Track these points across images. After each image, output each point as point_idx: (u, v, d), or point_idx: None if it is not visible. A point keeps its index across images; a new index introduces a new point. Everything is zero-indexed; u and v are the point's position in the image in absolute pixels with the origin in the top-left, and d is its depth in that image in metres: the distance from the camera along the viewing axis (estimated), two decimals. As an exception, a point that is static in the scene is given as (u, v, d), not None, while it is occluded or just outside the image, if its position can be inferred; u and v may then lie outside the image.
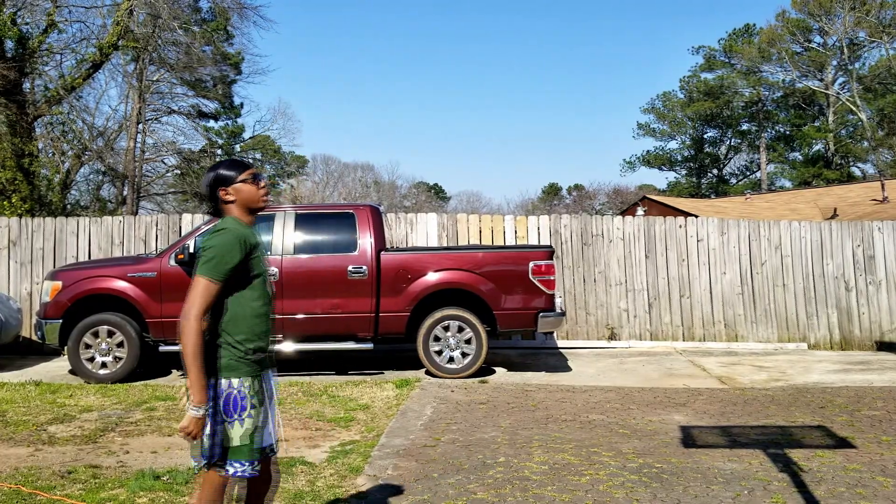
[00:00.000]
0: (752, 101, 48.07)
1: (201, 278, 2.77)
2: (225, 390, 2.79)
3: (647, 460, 5.26)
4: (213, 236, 2.83)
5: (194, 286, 2.77)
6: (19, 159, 17.85)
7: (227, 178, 2.94)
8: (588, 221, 12.15)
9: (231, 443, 2.78)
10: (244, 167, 2.99)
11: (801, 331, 11.80)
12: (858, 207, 23.00)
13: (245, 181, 2.95)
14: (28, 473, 4.99)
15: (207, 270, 2.77)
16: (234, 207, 2.95)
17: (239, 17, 25.30)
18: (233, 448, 2.79)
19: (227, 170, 2.96)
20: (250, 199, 2.96)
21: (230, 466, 2.80)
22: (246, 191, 2.94)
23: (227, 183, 2.94)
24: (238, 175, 2.95)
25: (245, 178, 2.95)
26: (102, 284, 8.74)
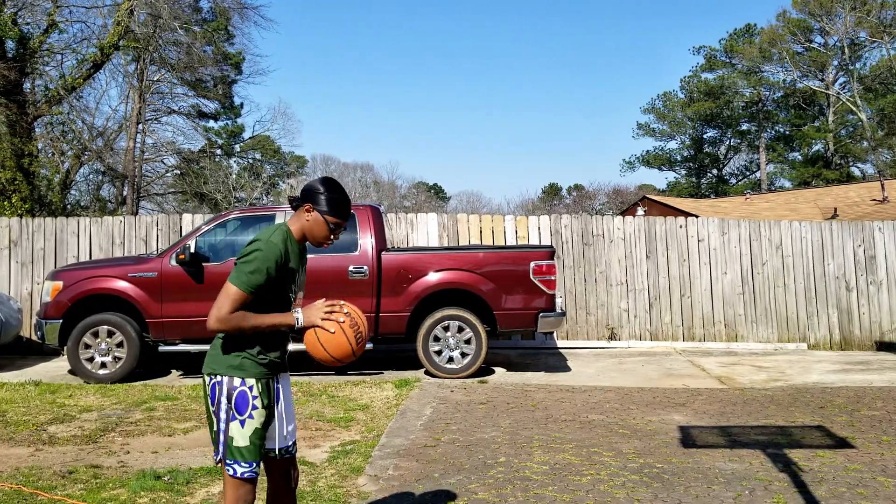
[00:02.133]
0: (753, 102, 48.07)
1: (232, 286, 2.78)
2: (237, 388, 2.80)
3: (648, 460, 5.27)
4: (254, 249, 2.82)
5: (223, 290, 2.78)
6: (19, 159, 17.86)
7: (321, 205, 2.93)
8: (588, 221, 12.15)
9: (233, 442, 2.78)
10: (339, 214, 2.96)
11: (801, 331, 11.80)
12: (858, 207, 23.00)
13: (327, 222, 2.94)
14: (29, 473, 4.99)
15: (240, 281, 2.78)
16: (301, 223, 2.96)
17: (239, 17, 25.34)
18: (236, 448, 2.79)
19: (328, 203, 2.94)
20: (316, 235, 2.97)
21: (230, 467, 2.79)
22: (319, 228, 2.96)
23: (317, 207, 2.93)
24: (329, 213, 2.93)
25: (331, 220, 2.95)
26: (103, 284, 8.74)
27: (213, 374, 2.83)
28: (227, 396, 2.79)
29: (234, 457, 2.78)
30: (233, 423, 2.78)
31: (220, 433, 2.79)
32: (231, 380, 2.80)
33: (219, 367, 2.83)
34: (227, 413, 2.78)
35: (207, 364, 2.88)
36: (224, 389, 2.79)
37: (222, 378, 2.81)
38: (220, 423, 2.79)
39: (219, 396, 2.80)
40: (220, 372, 2.82)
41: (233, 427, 2.78)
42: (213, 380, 2.84)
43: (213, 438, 2.87)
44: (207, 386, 2.85)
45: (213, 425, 2.84)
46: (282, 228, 2.93)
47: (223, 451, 2.79)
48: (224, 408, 2.79)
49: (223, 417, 2.78)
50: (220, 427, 2.79)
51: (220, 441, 2.79)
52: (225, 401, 2.79)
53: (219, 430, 2.79)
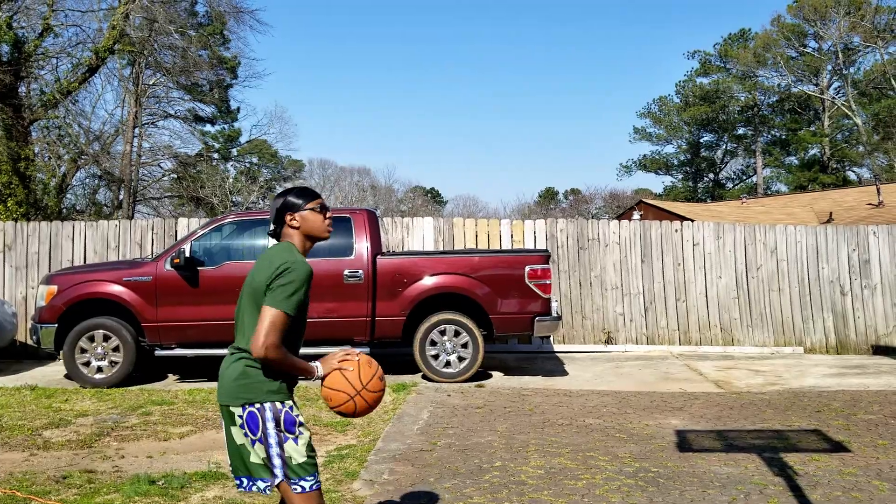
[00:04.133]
0: (748, 106, 48.21)
1: (277, 311, 2.76)
2: (282, 410, 2.81)
3: (644, 464, 5.27)
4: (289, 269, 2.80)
5: (267, 317, 2.74)
6: (15, 163, 17.83)
7: (296, 204, 2.99)
8: (584, 226, 12.17)
9: (293, 461, 2.79)
10: (312, 197, 3.03)
11: (796, 335, 11.82)
12: (854, 211, 23.07)
13: (313, 210, 2.99)
14: (23, 478, 4.97)
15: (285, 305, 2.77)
16: (296, 234, 2.99)
17: (235, 21, 25.36)
18: (298, 465, 2.79)
19: (297, 197, 3.00)
20: (315, 229, 3.01)
21: (297, 485, 2.78)
22: (312, 220, 2.99)
23: (295, 209, 2.98)
24: (306, 203, 2.99)
25: (313, 206, 2.99)
26: (98, 289, 8.72)
27: (250, 403, 2.79)
28: (274, 421, 2.78)
29: (299, 474, 2.78)
30: (286, 443, 2.79)
31: (276, 457, 2.77)
32: (273, 405, 2.80)
33: (256, 395, 2.79)
34: (277, 436, 2.78)
35: (237, 395, 2.81)
36: (269, 415, 2.78)
37: (263, 405, 2.79)
38: (270, 448, 2.77)
39: (262, 424, 2.78)
40: (258, 399, 2.79)
41: (288, 447, 2.78)
42: (248, 409, 2.79)
43: (249, 467, 2.82)
44: (241, 416, 2.80)
45: (253, 454, 2.80)
46: (293, 246, 2.95)
47: (284, 472, 2.77)
48: (273, 432, 2.78)
49: (274, 442, 2.77)
50: (274, 452, 2.77)
51: (278, 465, 2.77)
52: (273, 425, 2.78)
53: (271, 455, 2.77)
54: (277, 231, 3.02)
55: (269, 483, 2.80)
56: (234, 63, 34.54)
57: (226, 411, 2.83)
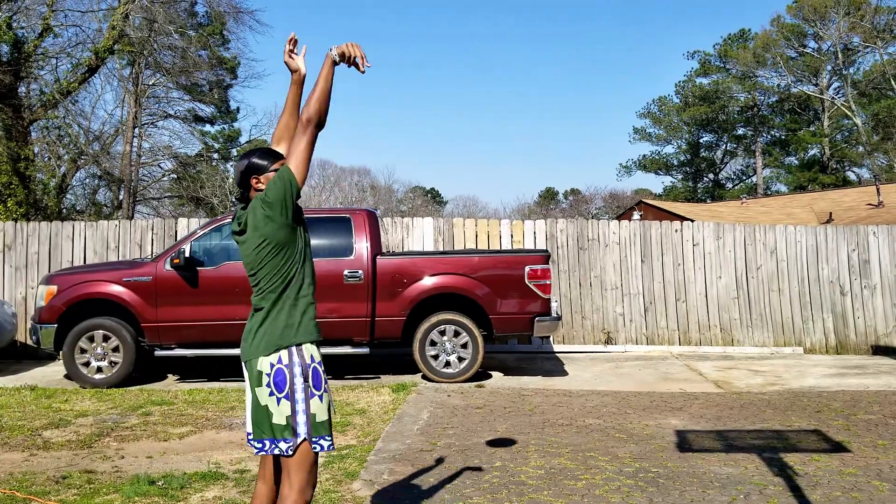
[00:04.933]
0: (748, 106, 48.22)
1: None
2: (310, 364, 2.80)
3: (644, 464, 5.27)
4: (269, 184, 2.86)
5: (298, 144, 2.87)
6: (15, 163, 17.83)
7: (261, 166, 2.97)
8: (584, 226, 12.17)
9: (317, 418, 2.78)
10: (277, 157, 3.00)
11: (796, 335, 11.82)
12: (853, 212, 23.07)
13: (277, 171, 2.95)
14: (23, 479, 4.97)
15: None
16: None
17: (235, 21, 25.36)
18: (320, 423, 2.78)
19: (261, 158, 2.98)
20: None
21: (317, 444, 2.78)
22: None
23: (260, 171, 2.96)
24: (271, 164, 2.97)
25: (277, 167, 2.96)
26: (98, 289, 8.73)
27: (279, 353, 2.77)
28: (302, 376, 2.77)
29: (321, 432, 2.78)
30: (312, 399, 2.78)
31: (301, 413, 2.74)
32: (302, 356, 2.79)
33: (284, 341, 2.79)
34: (304, 392, 2.76)
35: (266, 346, 2.79)
36: (297, 370, 2.77)
37: (292, 353, 2.78)
38: (297, 404, 2.74)
39: (290, 380, 2.76)
40: (286, 344, 2.78)
41: (313, 404, 2.78)
42: (276, 366, 2.77)
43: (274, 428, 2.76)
44: (268, 374, 2.76)
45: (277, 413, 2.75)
46: None
47: (308, 430, 2.75)
48: (301, 388, 2.76)
49: (301, 398, 2.75)
50: (300, 408, 2.75)
51: (302, 422, 2.75)
52: (301, 381, 2.77)
53: (297, 412, 2.74)
54: (246, 195, 3.00)
55: (290, 443, 2.76)
56: (233, 63, 34.52)
57: (253, 371, 2.80)
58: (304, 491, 2.76)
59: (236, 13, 24.25)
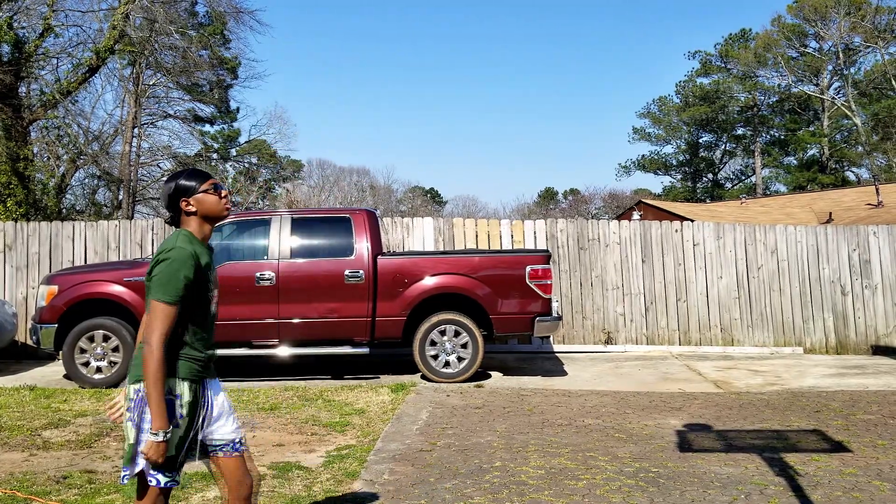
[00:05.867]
0: (748, 106, 48.23)
1: (157, 303, 2.71)
2: (168, 398, 2.77)
3: (644, 464, 5.26)
4: (162, 259, 2.77)
5: (152, 310, 2.71)
6: (14, 163, 17.82)
7: (189, 188, 2.91)
8: (584, 226, 12.17)
9: None
10: (204, 177, 2.94)
11: (796, 335, 11.82)
12: (853, 212, 23.07)
13: (206, 191, 2.92)
14: (23, 479, 4.97)
15: (162, 294, 2.72)
16: (194, 218, 2.93)
17: (235, 21, 25.33)
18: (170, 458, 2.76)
19: (188, 180, 2.92)
20: (212, 210, 2.94)
21: (154, 477, 2.75)
22: (208, 201, 2.92)
23: (189, 193, 2.90)
24: (199, 185, 2.91)
25: (206, 188, 2.92)
26: (98, 289, 8.73)
27: (141, 382, 2.76)
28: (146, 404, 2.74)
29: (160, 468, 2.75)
30: None
31: (143, 443, 2.73)
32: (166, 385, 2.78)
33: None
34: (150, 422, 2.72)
35: (133, 373, 2.83)
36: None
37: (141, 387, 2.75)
38: (143, 432, 2.73)
39: (142, 405, 2.74)
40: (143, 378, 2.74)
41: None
42: (141, 392, 2.76)
43: (126, 452, 2.79)
44: (132, 398, 2.79)
45: (127, 438, 2.77)
46: (182, 233, 2.89)
47: None
48: (147, 417, 2.73)
49: (147, 427, 2.73)
50: (143, 437, 2.73)
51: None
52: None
53: (141, 440, 2.73)
54: (175, 218, 2.94)
55: (128, 472, 2.77)
56: (234, 63, 34.52)
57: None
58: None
59: (236, 13, 24.23)
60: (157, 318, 2.69)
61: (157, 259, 2.77)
